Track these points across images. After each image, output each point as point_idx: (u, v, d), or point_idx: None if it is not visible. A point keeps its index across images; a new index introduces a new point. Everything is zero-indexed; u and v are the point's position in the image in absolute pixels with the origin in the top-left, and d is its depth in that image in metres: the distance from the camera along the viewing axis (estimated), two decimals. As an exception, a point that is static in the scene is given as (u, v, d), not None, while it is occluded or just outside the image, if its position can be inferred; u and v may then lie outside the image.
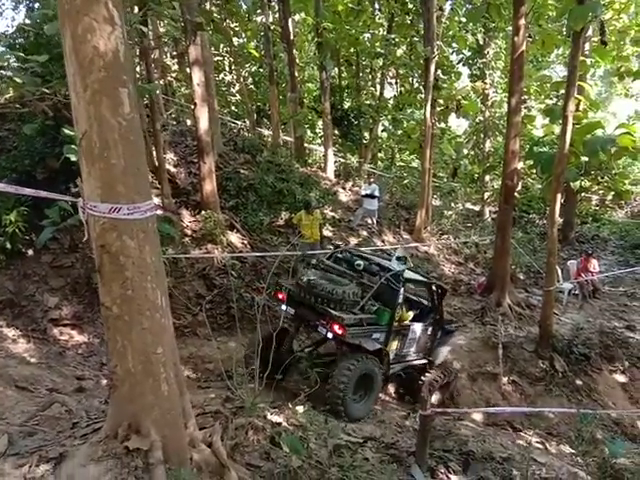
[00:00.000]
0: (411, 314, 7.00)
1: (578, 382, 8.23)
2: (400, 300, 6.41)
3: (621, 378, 8.58)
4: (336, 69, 19.55)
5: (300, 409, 4.47)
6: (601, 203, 21.66)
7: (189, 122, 14.06)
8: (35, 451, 2.95)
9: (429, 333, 7.21)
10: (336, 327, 5.71)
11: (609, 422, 7.39)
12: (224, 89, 20.24)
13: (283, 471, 3.34)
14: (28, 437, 3.27)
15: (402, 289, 6.40)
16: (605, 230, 18.98)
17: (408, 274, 6.80)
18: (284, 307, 6.28)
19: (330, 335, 5.85)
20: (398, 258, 7.13)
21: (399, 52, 18.46)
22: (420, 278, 7.40)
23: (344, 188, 15.55)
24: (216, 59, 18.24)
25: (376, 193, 13.05)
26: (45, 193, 3.49)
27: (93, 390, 5.44)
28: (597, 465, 4.61)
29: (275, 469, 3.36)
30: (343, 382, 5.63)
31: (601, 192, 20.07)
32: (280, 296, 6.40)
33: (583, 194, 18.62)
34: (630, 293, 12.65)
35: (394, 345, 6.58)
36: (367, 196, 13.07)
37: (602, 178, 16.86)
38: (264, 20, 16.16)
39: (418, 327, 6.96)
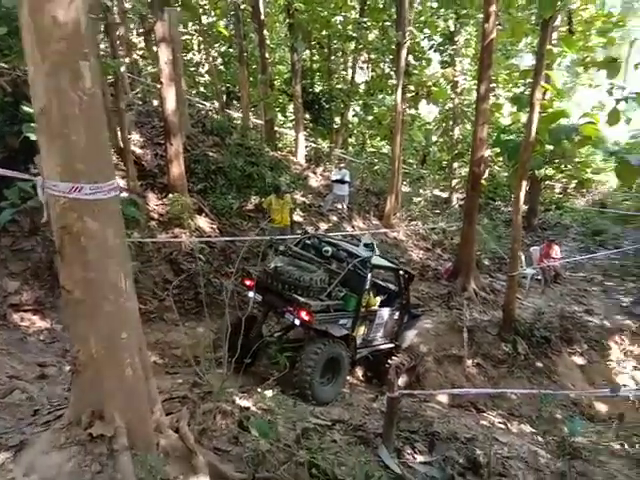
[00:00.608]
0: (378, 299, 7.06)
1: (539, 364, 8.52)
2: (367, 286, 6.43)
3: (579, 360, 8.93)
4: (307, 51, 19.30)
5: (269, 393, 4.47)
6: (564, 191, 22.29)
7: (156, 102, 13.66)
8: (-6, 439, 2.85)
9: (396, 318, 7.29)
10: (303, 314, 5.71)
11: (568, 402, 7.69)
12: (192, 69, 19.74)
13: (251, 455, 3.33)
14: (-14, 425, 3.16)
15: (369, 275, 6.43)
16: (567, 217, 19.52)
17: (376, 260, 6.82)
18: (252, 294, 6.23)
19: (297, 322, 5.85)
20: (365, 244, 7.15)
21: (371, 36, 18.35)
22: (387, 264, 7.44)
23: (315, 173, 15.47)
24: (184, 38, 17.75)
25: (346, 178, 13.03)
26: (2, 170, 3.32)
27: (55, 377, 5.29)
28: (556, 443, 4.80)
29: (243, 453, 3.35)
30: (310, 366, 5.66)
31: (564, 180, 20.65)
32: (248, 283, 6.36)
33: (547, 182, 19.07)
34: (590, 278, 13.09)
35: (361, 330, 6.63)
36: (337, 181, 13.02)
37: (565, 166, 17.30)
38: (234, -1, 15.75)
39: (385, 312, 7.02)
